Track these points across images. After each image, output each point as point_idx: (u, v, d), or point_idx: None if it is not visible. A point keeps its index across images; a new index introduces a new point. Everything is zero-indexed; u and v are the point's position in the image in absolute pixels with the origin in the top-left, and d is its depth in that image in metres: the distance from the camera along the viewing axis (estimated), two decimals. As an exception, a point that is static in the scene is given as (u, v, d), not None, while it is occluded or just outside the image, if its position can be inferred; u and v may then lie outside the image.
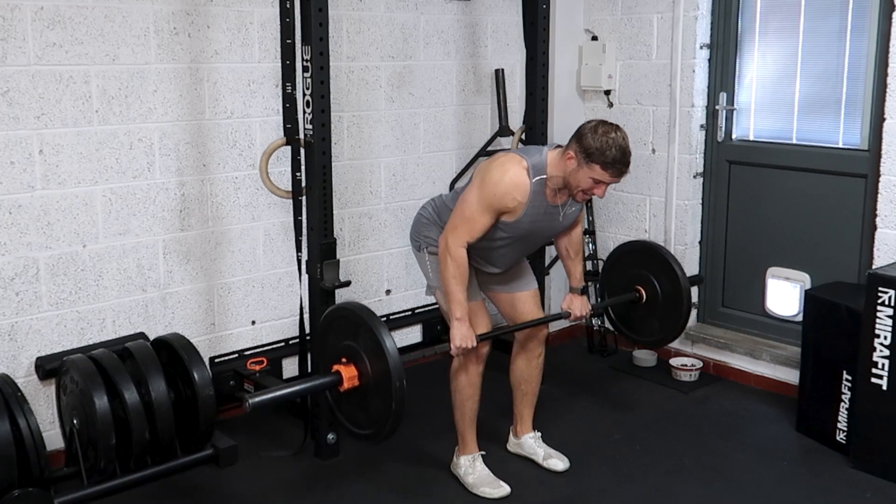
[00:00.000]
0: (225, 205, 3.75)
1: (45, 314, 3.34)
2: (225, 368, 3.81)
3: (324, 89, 3.19)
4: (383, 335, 2.67)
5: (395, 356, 2.65)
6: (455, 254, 2.95)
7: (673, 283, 3.54)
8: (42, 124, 3.23)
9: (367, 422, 2.82)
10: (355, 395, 2.78)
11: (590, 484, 3.35)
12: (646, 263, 3.62)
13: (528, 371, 3.42)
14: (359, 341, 2.74)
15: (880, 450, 3.36)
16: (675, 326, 3.60)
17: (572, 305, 3.34)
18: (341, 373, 2.75)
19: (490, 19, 4.52)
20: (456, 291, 2.98)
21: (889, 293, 3.24)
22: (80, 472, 3.09)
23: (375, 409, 2.75)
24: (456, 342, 2.99)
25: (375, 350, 2.68)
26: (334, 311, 2.91)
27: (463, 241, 2.96)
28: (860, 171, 3.86)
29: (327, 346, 2.89)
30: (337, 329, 2.85)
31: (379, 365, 2.68)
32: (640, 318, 3.67)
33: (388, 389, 2.65)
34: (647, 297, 3.59)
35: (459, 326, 2.99)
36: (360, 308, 2.80)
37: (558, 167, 2.94)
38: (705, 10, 4.26)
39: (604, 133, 2.83)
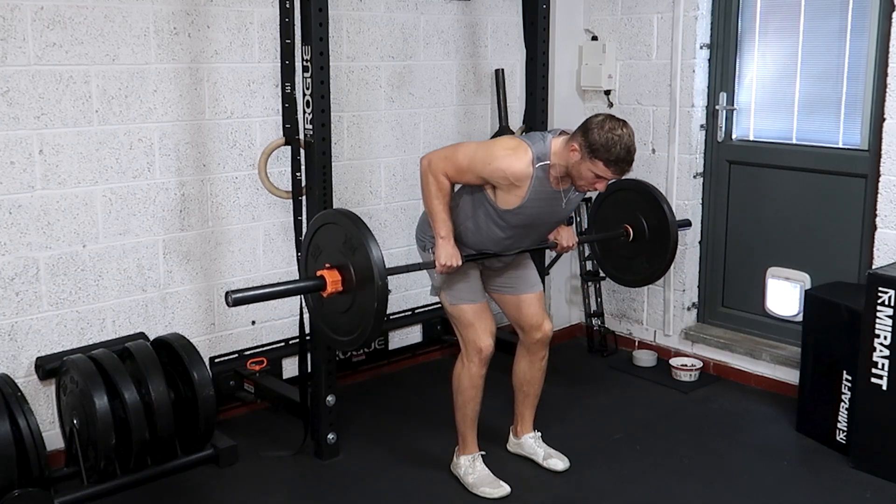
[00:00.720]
0: (225, 205, 3.75)
1: (45, 314, 3.34)
2: (225, 368, 3.81)
3: (324, 89, 3.19)
4: (368, 239, 2.68)
5: (378, 258, 2.66)
6: (437, 177, 2.97)
7: (660, 221, 3.52)
8: (42, 124, 3.23)
9: (348, 326, 2.82)
10: (338, 300, 2.79)
11: (590, 484, 3.35)
12: (634, 201, 3.60)
13: (532, 373, 3.42)
14: (343, 247, 2.75)
15: (880, 450, 3.36)
16: (661, 264, 3.57)
17: (559, 236, 3.30)
18: (325, 277, 2.76)
19: (490, 19, 4.52)
20: (439, 210, 2.99)
21: (889, 293, 3.24)
22: (80, 472, 3.10)
23: (357, 312, 2.76)
24: (441, 260, 2.99)
25: (359, 254, 2.70)
26: (320, 218, 2.91)
27: (445, 173, 2.97)
28: (860, 171, 3.86)
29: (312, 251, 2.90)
30: (323, 235, 2.86)
31: (362, 268, 2.69)
32: (629, 258, 3.67)
33: (370, 291, 2.66)
34: (634, 235, 3.58)
35: (444, 245, 2.99)
36: (345, 214, 2.81)
37: (561, 156, 2.92)
38: (705, 10, 4.26)
39: (610, 129, 2.80)
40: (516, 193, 2.95)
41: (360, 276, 2.71)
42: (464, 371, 3.23)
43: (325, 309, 2.90)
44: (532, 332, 3.33)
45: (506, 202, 2.98)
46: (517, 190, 2.94)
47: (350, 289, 2.75)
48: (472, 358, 3.20)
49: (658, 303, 4.61)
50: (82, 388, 3.05)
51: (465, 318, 3.17)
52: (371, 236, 2.70)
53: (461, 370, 3.24)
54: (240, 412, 3.92)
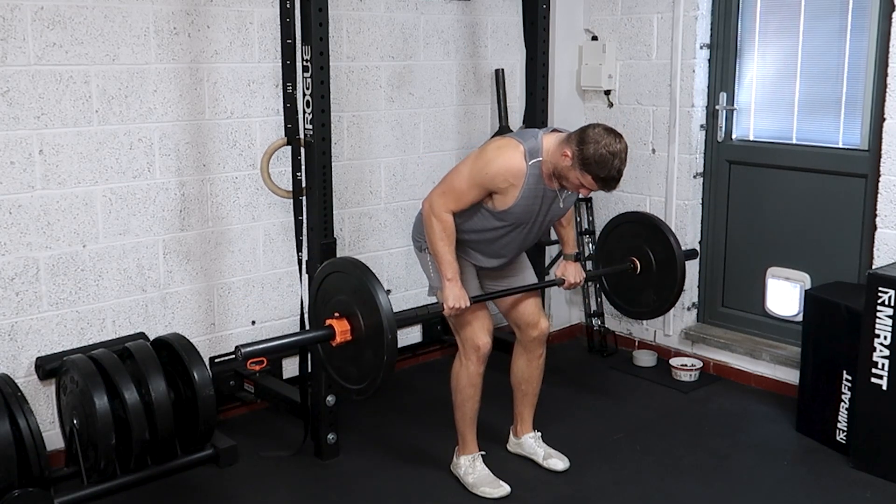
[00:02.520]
0: (225, 205, 3.75)
1: (45, 314, 3.34)
2: (225, 368, 3.81)
3: (324, 89, 3.19)
4: (376, 290, 2.67)
5: (388, 310, 2.65)
6: (440, 217, 2.97)
7: (667, 253, 3.52)
8: (42, 124, 3.23)
9: (358, 376, 2.82)
10: (347, 349, 2.79)
11: (590, 484, 3.35)
12: (640, 234, 3.60)
13: (529, 371, 3.42)
14: (352, 296, 2.75)
15: (880, 450, 3.36)
16: (669, 296, 3.57)
17: (566, 272, 3.34)
18: (334, 327, 2.76)
19: (490, 19, 4.52)
20: (445, 252, 2.99)
21: (889, 293, 3.24)
22: (80, 472, 3.10)
23: (367, 362, 2.76)
24: (449, 303, 2.99)
25: (368, 305, 2.69)
26: (329, 266, 2.91)
27: (448, 208, 2.97)
28: (860, 171, 3.86)
29: (321, 301, 2.89)
30: (331, 284, 2.85)
31: (371, 319, 2.69)
32: (635, 289, 3.66)
33: (379, 342, 2.66)
34: (641, 268, 3.58)
35: (452, 287, 3.00)
36: (354, 263, 2.80)
37: (552, 156, 2.91)
38: (705, 10, 4.26)
39: (605, 146, 2.79)
40: (511, 192, 2.95)
41: (370, 328, 2.71)
42: (462, 370, 3.24)
43: (335, 357, 2.89)
44: (529, 329, 3.34)
45: (501, 202, 2.98)
46: (513, 189, 2.94)
47: (359, 337, 2.75)
48: (470, 356, 3.20)
49: (658, 303, 4.61)
50: (82, 388, 3.05)
51: (462, 317, 3.17)
52: (380, 288, 2.69)
53: (459, 369, 3.25)
54: (240, 412, 3.92)
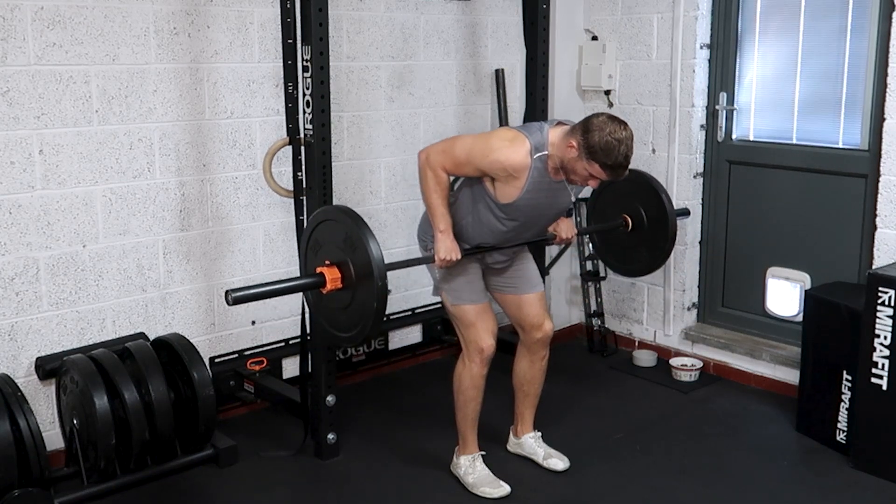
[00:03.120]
0: (225, 205, 3.75)
1: (45, 314, 3.34)
2: (225, 368, 3.81)
3: (324, 89, 3.19)
4: (367, 237, 2.68)
5: (378, 257, 2.66)
6: (435, 170, 2.97)
7: (659, 211, 3.52)
8: (42, 124, 3.23)
9: (347, 323, 2.82)
10: (338, 297, 2.79)
11: (590, 484, 3.35)
12: (633, 191, 3.60)
13: (532, 373, 3.42)
14: (343, 244, 2.75)
15: (880, 450, 3.36)
16: (661, 254, 3.58)
17: (559, 227, 3.30)
18: (325, 274, 2.76)
19: (490, 19, 4.52)
20: (438, 204, 2.99)
21: (889, 293, 3.24)
22: (80, 472, 3.10)
23: (357, 310, 2.76)
24: (440, 254, 2.99)
25: (359, 252, 2.69)
26: (320, 214, 2.91)
27: (443, 166, 2.97)
28: (860, 171, 3.86)
29: (312, 250, 2.90)
30: (322, 232, 2.85)
31: (362, 267, 2.69)
32: (627, 247, 3.67)
33: (370, 289, 2.67)
34: (633, 225, 3.58)
35: (443, 239, 2.99)
36: (345, 211, 2.80)
37: (558, 148, 2.90)
38: (705, 10, 4.26)
39: (611, 133, 2.78)
40: (515, 185, 2.94)
41: (360, 274, 2.72)
42: (465, 371, 3.23)
43: (325, 305, 2.90)
44: (533, 331, 3.33)
45: (505, 195, 2.98)
46: (516, 182, 2.93)
47: (350, 285, 2.75)
48: (474, 358, 3.20)
49: (658, 303, 4.61)
50: (82, 388, 3.05)
51: (466, 318, 3.17)
52: (370, 234, 2.70)
53: (462, 370, 3.24)
54: (240, 412, 3.92)
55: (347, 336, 2.86)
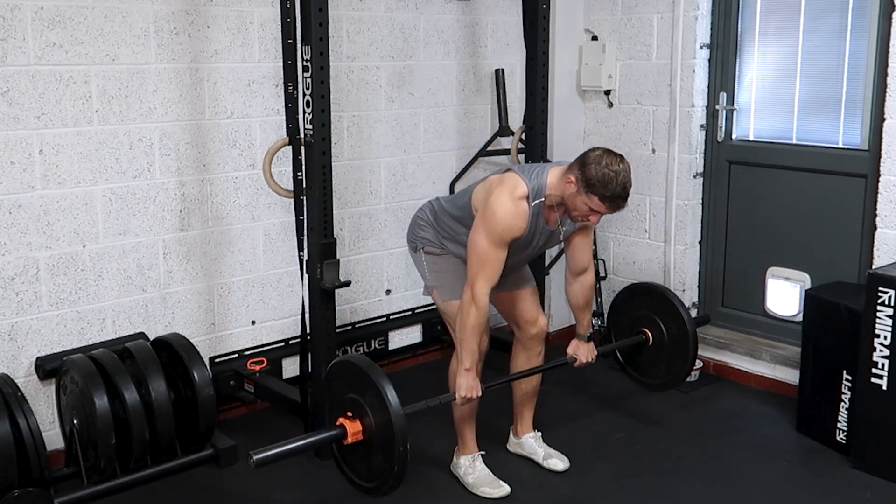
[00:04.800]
0: (225, 205, 3.75)
1: (45, 314, 3.34)
2: (225, 368, 3.81)
3: (324, 89, 3.19)
4: (388, 394, 2.66)
5: (400, 417, 2.65)
6: (480, 303, 2.96)
7: (679, 327, 3.56)
8: (42, 124, 3.23)
9: (368, 475, 2.82)
10: (359, 448, 2.80)
11: (590, 484, 3.35)
12: (651, 306, 3.65)
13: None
14: (364, 397, 2.74)
15: (880, 450, 3.36)
16: (681, 370, 3.61)
17: (578, 352, 3.36)
18: (346, 427, 2.76)
19: (490, 19, 4.52)
20: (471, 342, 3.00)
21: (889, 293, 3.24)
22: (80, 472, 3.10)
23: (378, 465, 2.76)
24: (461, 392, 3.02)
25: (380, 409, 2.69)
26: (340, 364, 2.90)
27: (488, 286, 2.96)
28: (860, 171, 3.86)
29: (332, 396, 2.89)
30: (343, 380, 2.85)
31: (383, 423, 2.69)
32: (647, 361, 3.70)
33: (390, 450, 2.67)
34: (653, 340, 3.62)
35: (467, 377, 3.02)
36: (365, 363, 2.79)
37: (557, 187, 2.95)
38: (705, 10, 4.26)
39: (607, 165, 2.82)
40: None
41: (381, 431, 2.70)
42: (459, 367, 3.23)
43: (347, 453, 2.88)
44: (527, 327, 3.34)
45: None
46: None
47: (371, 438, 2.74)
48: None
49: (658, 303, 4.61)
50: (82, 388, 3.05)
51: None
52: (392, 392, 2.67)
53: (457, 367, 3.24)
54: (240, 412, 3.92)
55: (368, 487, 2.84)
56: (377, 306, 4.35)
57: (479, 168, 4.51)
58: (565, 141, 4.65)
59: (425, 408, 2.96)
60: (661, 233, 4.52)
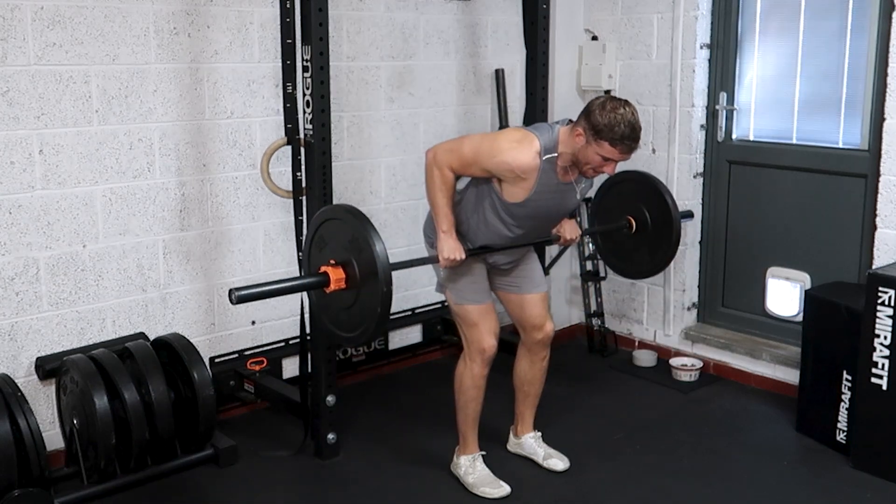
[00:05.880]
0: (225, 205, 3.75)
1: (45, 314, 3.34)
2: (225, 368, 3.81)
3: (324, 89, 3.19)
4: (373, 238, 2.66)
5: (384, 259, 2.64)
6: (442, 170, 2.96)
7: (663, 212, 3.51)
8: (42, 124, 3.23)
9: (350, 324, 2.81)
10: (342, 297, 2.78)
11: (590, 484, 3.35)
12: (638, 193, 3.59)
13: (532, 373, 3.42)
14: (348, 244, 2.74)
15: (880, 450, 3.36)
16: (664, 257, 3.57)
17: (563, 228, 3.29)
18: (329, 274, 2.75)
19: (490, 19, 4.52)
20: (442, 204, 2.98)
21: (889, 293, 3.24)
22: (80, 472, 3.10)
23: (360, 311, 2.75)
24: (444, 254, 2.98)
25: (364, 253, 2.68)
26: (325, 213, 2.89)
27: (451, 166, 2.96)
28: (860, 171, 3.86)
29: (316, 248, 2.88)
30: (327, 231, 2.84)
31: (367, 268, 2.67)
32: (630, 249, 3.65)
33: (374, 291, 2.65)
34: (637, 227, 3.57)
35: (446, 239, 2.99)
36: (351, 211, 2.79)
37: (567, 143, 2.92)
38: (705, 10, 4.26)
39: (612, 109, 2.81)
40: (523, 186, 2.95)
41: (365, 275, 2.70)
42: (466, 371, 3.23)
43: (328, 304, 2.89)
44: (534, 332, 3.33)
45: (512, 195, 2.98)
46: (524, 182, 2.94)
47: (354, 286, 2.74)
48: (475, 358, 3.20)
49: (658, 303, 4.61)
50: (82, 388, 3.05)
51: (469, 318, 3.17)
52: (376, 235, 2.68)
53: (463, 370, 3.24)
54: (240, 412, 3.92)
55: (350, 336, 2.85)
56: (377, 306, 4.34)
57: (479, 168, 4.50)
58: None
59: (409, 264, 2.99)
60: (661, 233, 4.52)
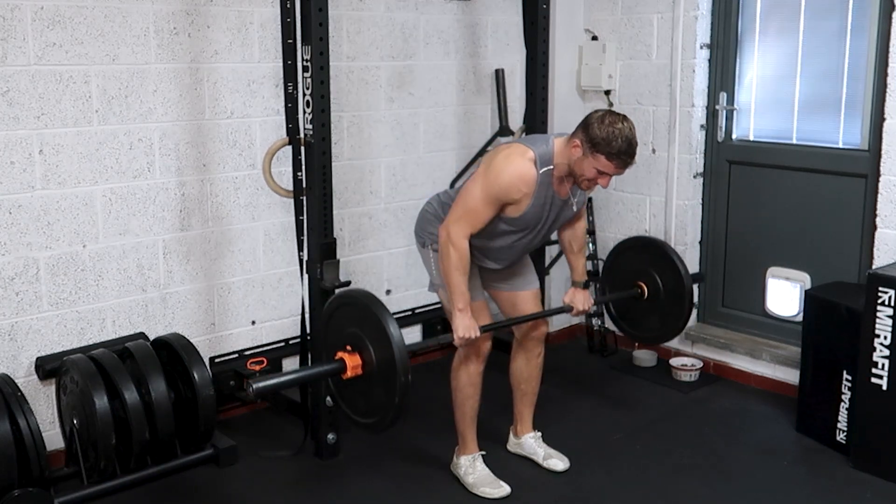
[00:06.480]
0: (225, 205, 3.75)
1: (45, 314, 3.34)
2: (225, 368, 3.81)
3: (324, 89, 3.19)
4: (389, 325, 2.63)
5: (402, 348, 2.60)
6: (458, 244, 2.94)
7: (675, 280, 3.51)
8: (42, 124, 3.23)
9: (368, 410, 2.78)
10: (358, 383, 2.75)
11: (590, 484, 3.35)
12: (648, 259, 3.60)
13: (528, 370, 3.42)
14: (364, 330, 2.70)
15: (880, 450, 3.36)
16: (676, 324, 3.58)
17: (575, 299, 3.33)
18: (345, 361, 2.72)
19: (490, 19, 4.52)
20: (459, 282, 2.96)
21: (889, 293, 3.24)
22: (80, 472, 3.10)
23: (378, 398, 2.71)
24: (459, 332, 2.97)
25: (381, 340, 2.64)
26: (340, 298, 2.87)
27: (465, 233, 2.94)
28: (860, 171, 3.86)
29: (331, 332, 2.86)
30: (342, 316, 2.81)
31: (384, 356, 2.64)
32: (641, 315, 3.65)
33: (392, 381, 2.62)
34: (648, 293, 3.57)
35: (462, 317, 2.98)
36: (366, 296, 2.77)
37: (564, 155, 2.93)
38: (705, 10, 4.26)
39: (610, 123, 2.82)
40: (524, 201, 2.95)
41: (382, 362, 2.66)
42: (462, 369, 3.24)
43: (345, 389, 2.85)
44: (528, 329, 3.34)
45: (513, 210, 2.98)
46: (526, 197, 2.94)
47: (371, 372, 2.70)
48: (470, 356, 3.20)
49: (658, 303, 4.61)
50: (82, 388, 3.05)
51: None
52: (393, 323, 2.63)
53: (459, 368, 3.25)
54: (240, 412, 3.92)
55: (368, 423, 2.79)
56: (377, 306, 4.35)
57: (479, 168, 4.51)
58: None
59: (425, 345, 2.92)
60: (661, 233, 4.52)
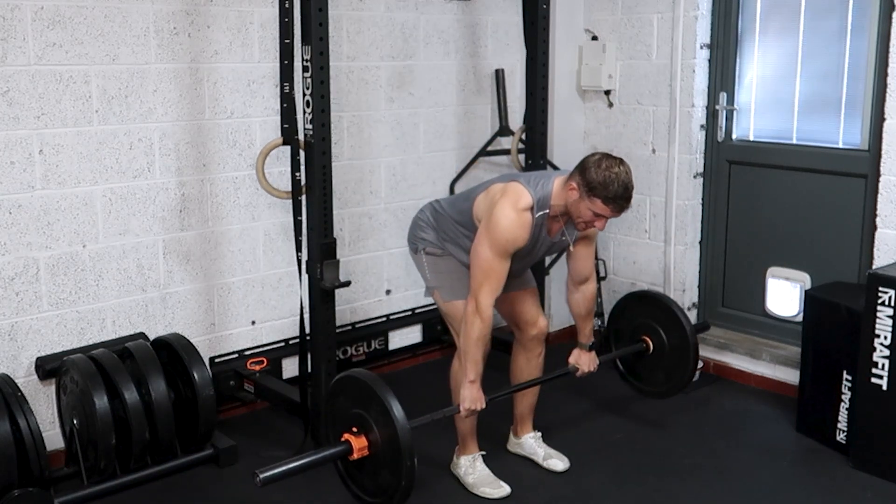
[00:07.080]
0: (225, 205, 3.75)
1: (45, 314, 3.34)
2: (225, 368, 3.81)
3: (324, 89, 3.19)
4: (393, 408, 2.66)
5: (406, 433, 2.64)
6: (484, 314, 2.96)
7: (680, 336, 3.56)
8: (42, 124, 3.23)
9: (375, 490, 2.81)
10: (365, 464, 2.78)
11: (590, 484, 3.35)
12: (652, 314, 3.65)
13: (528, 370, 3.42)
14: (369, 412, 2.74)
15: (880, 450, 3.36)
16: (681, 379, 3.61)
17: (580, 361, 3.37)
18: (351, 443, 2.75)
19: (490, 19, 4.52)
20: (475, 353, 3.00)
21: (889, 293, 3.24)
22: (80, 472, 3.10)
23: (385, 480, 2.75)
24: (466, 404, 3.02)
25: (386, 424, 2.68)
26: (344, 379, 2.89)
27: (492, 299, 2.97)
28: (860, 171, 3.86)
29: (337, 410, 2.88)
30: (347, 395, 2.84)
31: (390, 439, 2.68)
32: (647, 369, 3.70)
33: (398, 465, 2.66)
34: (653, 348, 3.63)
35: (471, 389, 3.02)
36: (369, 378, 2.79)
37: (560, 197, 2.97)
38: (705, 10, 4.26)
39: (607, 168, 2.84)
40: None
41: (387, 444, 2.69)
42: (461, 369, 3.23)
43: (352, 470, 2.87)
44: (527, 328, 3.34)
45: None
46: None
47: (377, 453, 2.73)
48: None
49: (658, 303, 4.61)
50: (82, 388, 3.05)
51: (459, 314, 3.17)
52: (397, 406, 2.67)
53: (458, 368, 3.24)
54: (240, 412, 3.92)
55: (374, 503, 2.82)
56: (377, 306, 4.35)
57: (479, 168, 4.51)
58: (565, 141, 4.65)
59: (430, 421, 2.96)
60: (662, 233, 4.52)
